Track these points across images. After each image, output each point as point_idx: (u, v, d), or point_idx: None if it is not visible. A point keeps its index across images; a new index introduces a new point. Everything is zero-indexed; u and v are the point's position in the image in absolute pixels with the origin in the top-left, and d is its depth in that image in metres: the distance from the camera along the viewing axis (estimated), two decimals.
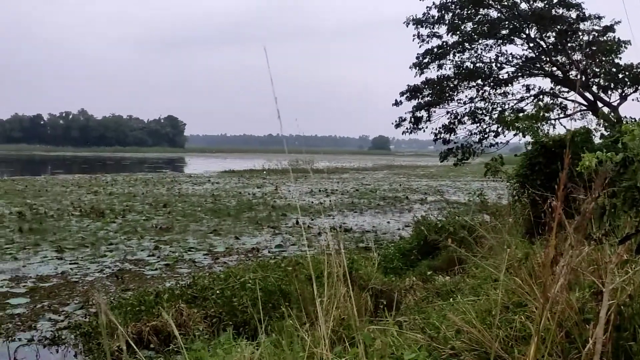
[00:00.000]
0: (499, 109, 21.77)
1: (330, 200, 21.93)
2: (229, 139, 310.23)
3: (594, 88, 20.84)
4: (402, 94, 22.02)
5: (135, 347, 2.67)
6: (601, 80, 20.87)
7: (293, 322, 3.28)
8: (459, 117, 21.79)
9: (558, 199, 1.86)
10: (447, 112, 21.95)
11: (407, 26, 21.79)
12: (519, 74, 21.95)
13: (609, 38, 20.67)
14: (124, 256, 10.51)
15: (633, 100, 20.25)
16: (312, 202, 20.90)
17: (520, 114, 16.63)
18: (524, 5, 20.86)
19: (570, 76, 20.95)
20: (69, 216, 15.79)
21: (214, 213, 17.11)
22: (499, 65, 21.85)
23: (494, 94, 21.95)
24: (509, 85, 21.90)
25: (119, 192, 24.33)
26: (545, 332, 2.37)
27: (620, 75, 19.99)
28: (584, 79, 20.76)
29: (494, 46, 21.86)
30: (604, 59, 20.62)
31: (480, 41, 21.66)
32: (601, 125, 16.45)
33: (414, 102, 21.92)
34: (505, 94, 22.04)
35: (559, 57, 21.29)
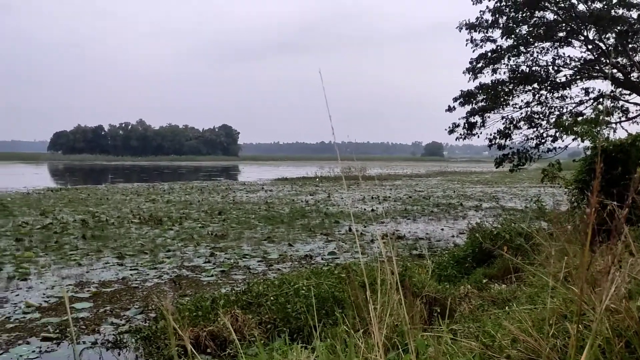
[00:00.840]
0: (557, 113, 21.17)
1: (382, 208, 21.81)
2: (282, 147, 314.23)
3: None
4: (455, 99, 21.77)
5: (194, 351, 2.76)
6: None
7: (347, 327, 3.30)
8: (514, 122, 21.32)
9: (591, 205, 1.82)
10: (502, 117, 21.53)
11: (460, 31, 21.56)
12: (578, 77, 21.27)
13: None
14: (181, 263, 10.80)
15: None
16: (365, 209, 20.86)
17: (579, 118, 16.11)
18: (581, 7, 20.24)
19: (632, 78, 20.13)
20: (129, 224, 16.36)
21: (268, 220, 17.34)
22: (556, 68, 21.25)
23: (552, 98, 21.37)
24: (567, 88, 21.26)
25: (175, 200, 25.03)
26: (604, 341, 2.29)
27: None
28: None
29: (550, 49, 21.31)
30: None
31: (536, 44, 21.16)
32: None
33: (468, 108, 21.64)
34: (563, 98, 21.42)
35: (619, 59, 20.51)
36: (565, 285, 3.22)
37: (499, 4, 20.72)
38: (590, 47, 20.85)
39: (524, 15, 20.75)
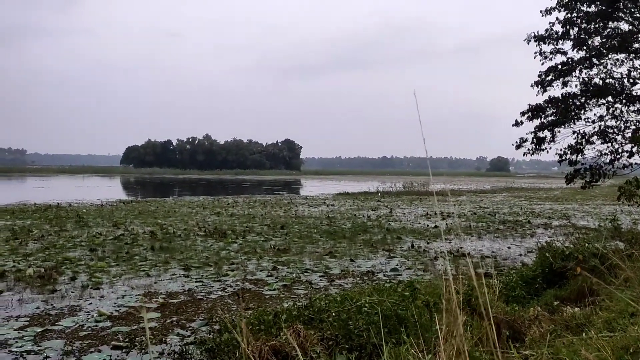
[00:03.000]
0: (633, 127, 20.10)
1: (446, 224, 21.36)
2: (343, 161, 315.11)
3: None
4: (522, 113, 21.14)
5: None
6: None
7: (414, 350, 3.22)
8: (587, 137, 20.42)
9: None
10: (574, 132, 20.67)
11: (528, 43, 20.98)
12: None
13: None
14: (244, 276, 10.94)
15: None
16: (428, 225, 20.50)
17: None
18: None
19: None
20: (195, 236, 16.78)
21: (330, 235, 17.34)
22: (631, 80, 20.22)
23: (627, 112, 20.32)
24: None
25: (239, 213, 25.51)
26: None
27: None
28: None
29: (625, 60, 20.31)
30: None
31: (609, 56, 20.24)
32: None
33: (536, 122, 20.94)
34: (639, 111, 20.34)
35: None
36: None
37: (569, 15, 20.03)
38: None
39: (597, 26, 19.94)
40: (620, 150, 20.15)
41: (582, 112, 20.55)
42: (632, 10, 19.50)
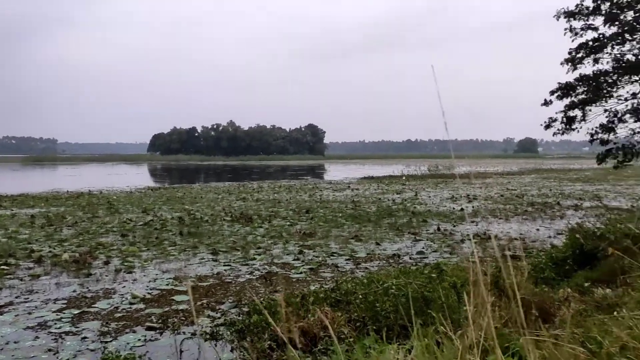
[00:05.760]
0: None
1: (472, 207, 21.18)
2: (367, 145, 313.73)
3: None
4: (552, 92, 20.74)
5: (289, 345, 2.80)
6: None
7: (444, 328, 3.22)
8: (619, 115, 19.95)
9: None
10: (605, 110, 20.22)
11: (558, 20, 20.50)
12: None
13: None
14: (271, 260, 11.06)
15: None
16: (454, 208, 20.36)
17: None
18: None
19: None
20: (222, 221, 16.98)
21: (355, 219, 17.36)
22: None
23: None
24: None
25: (264, 198, 25.68)
26: None
27: None
28: None
29: None
30: None
31: None
32: None
33: (566, 101, 20.53)
34: None
35: None
36: None
37: None
38: None
39: (630, 0, 19.37)
40: None
41: (614, 89, 20.07)
42: None
